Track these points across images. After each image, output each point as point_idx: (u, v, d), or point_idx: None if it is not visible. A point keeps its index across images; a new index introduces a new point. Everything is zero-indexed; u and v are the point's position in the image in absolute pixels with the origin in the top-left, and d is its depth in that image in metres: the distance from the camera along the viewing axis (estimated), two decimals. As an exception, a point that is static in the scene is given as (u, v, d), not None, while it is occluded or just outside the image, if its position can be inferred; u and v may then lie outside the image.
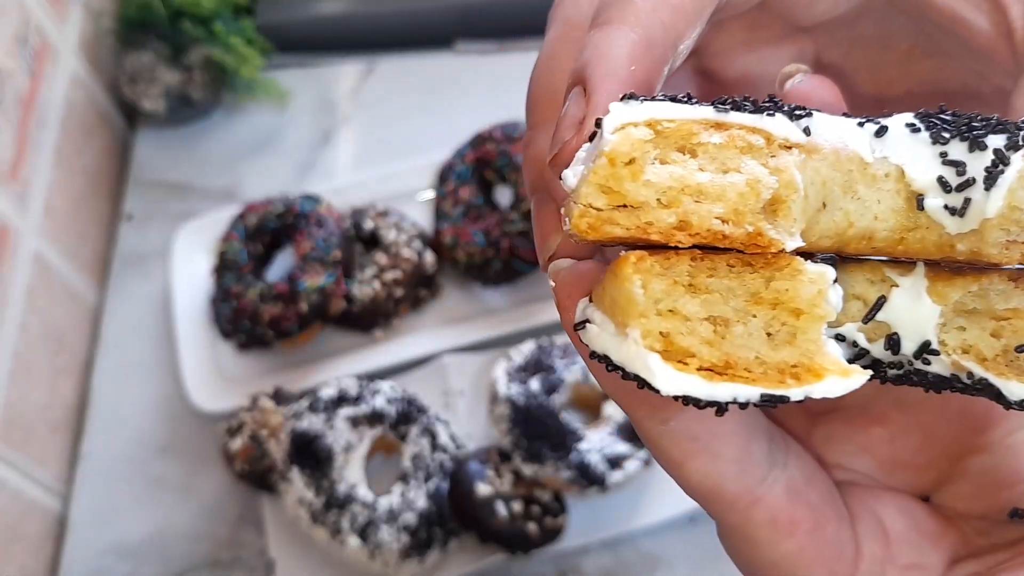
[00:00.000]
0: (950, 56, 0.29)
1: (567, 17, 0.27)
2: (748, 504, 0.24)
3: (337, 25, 1.03)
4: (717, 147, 0.20)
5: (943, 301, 0.21)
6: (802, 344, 0.20)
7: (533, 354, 0.72)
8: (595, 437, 0.67)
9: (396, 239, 0.81)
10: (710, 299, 0.20)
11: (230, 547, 0.72)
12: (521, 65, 1.17)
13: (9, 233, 0.71)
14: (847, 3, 0.29)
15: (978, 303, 0.21)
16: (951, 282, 0.21)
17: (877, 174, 0.21)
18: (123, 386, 0.80)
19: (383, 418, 0.70)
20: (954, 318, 0.21)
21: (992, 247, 0.20)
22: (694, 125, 0.20)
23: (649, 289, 0.20)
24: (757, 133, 0.20)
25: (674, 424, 0.23)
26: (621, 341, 0.20)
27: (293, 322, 0.75)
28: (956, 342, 0.21)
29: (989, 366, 0.21)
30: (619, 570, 0.69)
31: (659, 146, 0.20)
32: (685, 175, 0.20)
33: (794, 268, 0.20)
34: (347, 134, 0.95)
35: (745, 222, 0.20)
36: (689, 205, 0.20)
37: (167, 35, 0.92)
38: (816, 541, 0.25)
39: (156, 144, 0.95)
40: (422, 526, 0.66)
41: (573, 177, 0.21)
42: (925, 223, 0.21)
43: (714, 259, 0.20)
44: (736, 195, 0.20)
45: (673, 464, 0.24)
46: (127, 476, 0.75)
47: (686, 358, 0.20)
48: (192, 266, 0.84)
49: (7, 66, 0.72)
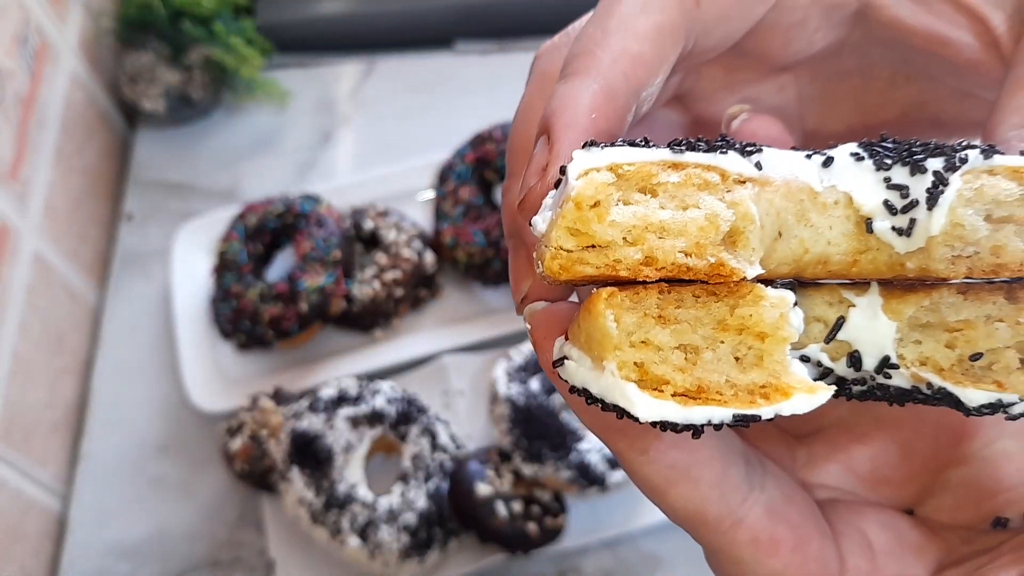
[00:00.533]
0: (932, 78, 0.30)
1: (543, 69, 0.29)
2: (730, 526, 0.25)
3: (337, 25, 1.03)
4: (676, 186, 0.21)
5: (898, 317, 0.22)
6: (769, 365, 0.21)
7: (533, 354, 0.72)
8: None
9: (396, 239, 0.81)
10: (679, 328, 0.21)
11: (230, 547, 0.72)
12: (521, 65, 1.16)
13: (9, 233, 0.71)
14: (823, 40, 0.29)
15: (931, 317, 0.22)
16: (904, 299, 0.23)
17: (827, 202, 0.22)
18: (123, 386, 0.80)
19: (383, 418, 0.70)
20: (910, 332, 0.22)
21: (939, 263, 0.21)
22: (652, 167, 0.21)
23: (622, 322, 0.21)
24: (712, 170, 0.22)
25: (653, 454, 0.24)
26: (599, 374, 0.21)
27: (293, 322, 0.75)
28: (914, 355, 0.22)
29: (946, 376, 0.22)
30: (619, 570, 0.69)
31: (621, 188, 0.21)
32: (647, 214, 0.21)
33: (756, 295, 0.21)
34: (347, 134, 0.95)
35: (707, 254, 0.21)
36: (653, 241, 0.21)
37: (167, 35, 0.92)
38: (800, 558, 0.25)
39: (156, 144, 0.95)
40: (422, 526, 0.66)
41: (543, 223, 0.22)
42: (875, 245, 0.22)
43: (680, 291, 0.21)
44: (697, 229, 0.21)
45: (656, 492, 0.25)
46: (127, 476, 0.75)
47: (661, 385, 0.21)
48: (192, 266, 0.84)
49: (7, 66, 0.72)
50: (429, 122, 0.95)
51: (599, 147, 0.21)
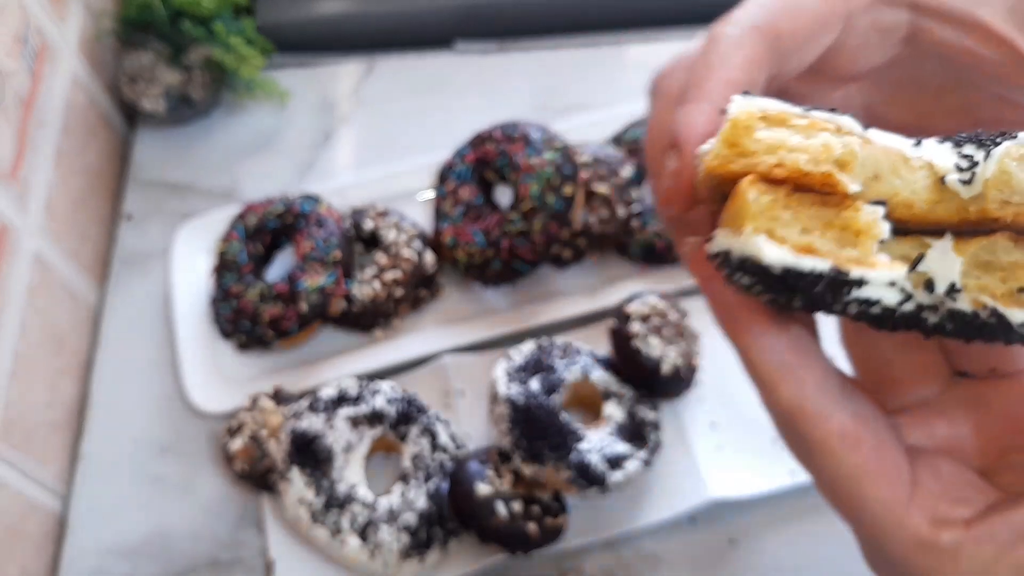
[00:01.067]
0: (976, 87, 0.38)
1: (664, 91, 0.39)
2: (824, 419, 0.31)
3: (337, 25, 1.03)
4: (803, 126, 0.29)
5: (963, 254, 0.29)
6: (862, 250, 0.28)
7: (533, 354, 0.72)
8: (595, 437, 0.68)
9: (396, 239, 0.81)
10: (799, 214, 0.29)
11: (230, 547, 0.72)
12: (520, 65, 1.18)
13: (9, 233, 0.71)
14: (881, 57, 0.38)
15: (990, 256, 0.29)
16: (970, 241, 0.30)
17: (914, 164, 0.30)
18: (123, 386, 0.80)
19: (383, 418, 0.70)
20: (973, 269, 0.29)
21: (992, 204, 0.29)
22: (788, 113, 0.30)
23: (759, 200, 0.29)
24: (831, 123, 0.29)
25: (768, 355, 0.31)
26: (737, 238, 0.29)
27: (293, 322, 0.76)
28: (975, 284, 0.29)
29: (999, 300, 0.29)
30: (620, 570, 0.69)
31: (764, 120, 0.29)
32: (782, 137, 0.29)
33: (856, 206, 0.29)
34: (347, 134, 0.96)
35: (821, 166, 0.29)
36: (785, 154, 0.29)
37: (167, 35, 0.92)
38: (879, 458, 0.31)
39: (156, 144, 0.95)
40: (422, 526, 0.66)
41: (705, 147, 0.31)
42: (948, 195, 0.30)
43: (802, 195, 0.29)
44: (816, 150, 0.29)
45: (766, 387, 0.32)
46: (127, 476, 0.75)
47: (782, 243, 0.28)
48: (192, 266, 0.84)
49: (7, 66, 0.73)
50: (429, 122, 0.95)
51: (752, 96, 0.30)
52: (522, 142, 0.79)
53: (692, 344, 0.73)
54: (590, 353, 0.74)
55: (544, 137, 0.79)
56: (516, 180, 0.78)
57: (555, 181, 0.76)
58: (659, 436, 0.71)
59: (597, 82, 0.98)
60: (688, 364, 0.71)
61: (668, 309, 0.74)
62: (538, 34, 1.02)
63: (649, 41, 1.01)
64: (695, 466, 0.70)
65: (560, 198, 0.76)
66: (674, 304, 0.75)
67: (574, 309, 0.79)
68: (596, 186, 0.80)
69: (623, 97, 0.94)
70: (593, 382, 0.72)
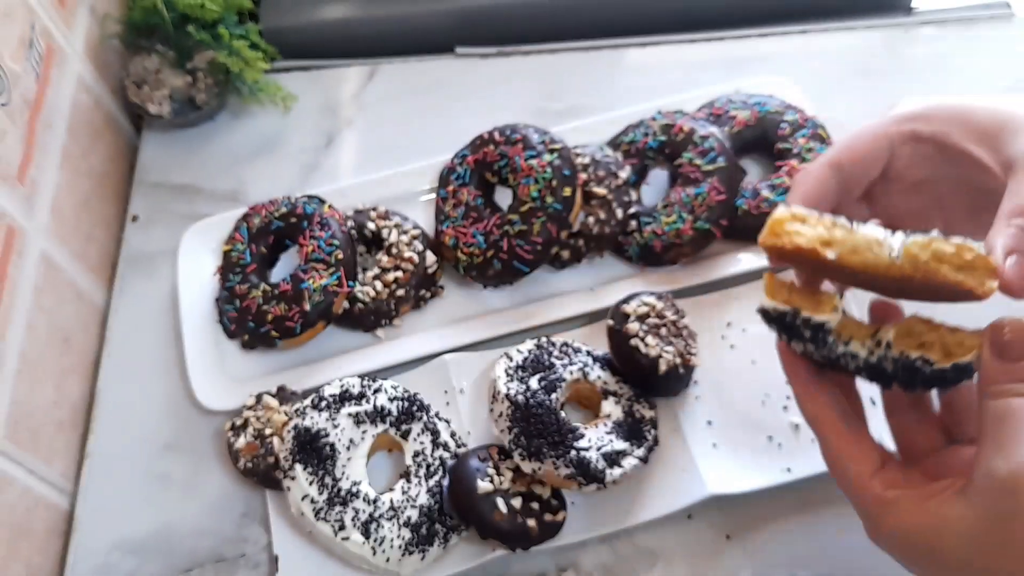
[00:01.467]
0: (975, 185, 0.53)
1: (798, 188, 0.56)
2: (827, 424, 0.51)
3: (340, 30, 1.04)
4: (814, 222, 0.47)
5: (896, 328, 0.49)
6: (820, 309, 0.50)
7: (533, 353, 0.73)
8: (594, 435, 0.68)
9: (398, 240, 0.82)
10: (792, 293, 0.50)
11: (234, 543, 0.72)
12: (520, 69, 1.18)
13: (16, 234, 0.72)
14: (920, 173, 0.55)
15: (909, 328, 0.48)
16: (899, 325, 0.49)
17: (882, 244, 0.46)
18: (129, 385, 0.81)
19: (385, 416, 0.71)
20: (900, 336, 0.48)
21: (907, 269, 0.45)
22: (807, 215, 0.48)
23: (772, 286, 0.51)
24: (832, 220, 0.48)
25: (800, 388, 0.53)
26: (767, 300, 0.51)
27: (297, 322, 0.76)
28: (901, 342, 0.48)
29: (910, 350, 0.48)
30: (617, 565, 0.70)
31: (794, 219, 0.48)
32: (799, 228, 0.47)
33: (822, 292, 0.51)
34: (350, 137, 0.96)
35: (811, 243, 0.47)
36: (794, 237, 0.47)
37: (172, 39, 0.93)
38: (857, 448, 0.50)
39: (162, 146, 0.96)
40: (424, 522, 0.67)
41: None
42: (894, 264, 0.46)
43: (801, 288, 0.52)
44: (812, 235, 0.47)
45: (800, 405, 0.53)
46: (133, 473, 0.76)
47: (774, 300, 0.51)
48: (198, 267, 0.85)
49: (15, 70, 0.74)
50: (430, 125, 0.96)
51: (795, 206, 0.49)
52: (522, 144, 0.80)
53: (689, 343, 0.74)
54: (589, 352, 0.75)
55: (543, 140, 0.80)
56: (516, 182, 0.79)
57: (554, 183, 0.77)
58: (656, 433, 0.71)
59: (595, 86, 0.99)
60: (685, 363, 0.72)
61: (665, 309, 0.75)
62: (536, 41, 1.04)
63: (647, 45, 1.02)
64: (692, 463, 0.71)
65: (559, 199, 0.77)
66: (671, 304, 0.76)
67: (573, 309, 0.80)
68: (594, 188, 0.81)
69: (621, 100, 0.95)
70: (592, 380, 0.73)
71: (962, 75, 0.98)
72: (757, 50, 1.01)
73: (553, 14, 1.04)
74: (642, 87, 0.97)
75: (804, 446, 0.72)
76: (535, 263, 0.78)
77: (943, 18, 1.03)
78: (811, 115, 0.87)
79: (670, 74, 0.99)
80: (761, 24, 1.04)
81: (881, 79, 0.98)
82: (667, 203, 0.82)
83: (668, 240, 0.80)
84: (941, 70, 0.98)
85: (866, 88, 0.97)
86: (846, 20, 1.04)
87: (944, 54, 1.00)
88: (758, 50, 1.01)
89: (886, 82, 0.97)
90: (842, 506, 0.70)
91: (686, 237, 0.80)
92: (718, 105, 0.89)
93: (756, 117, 0.87)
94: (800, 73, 0.97)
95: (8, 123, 0.72)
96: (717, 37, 1.02)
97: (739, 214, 0.82)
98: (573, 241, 0.81)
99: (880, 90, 0.97)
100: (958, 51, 1.00)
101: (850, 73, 0.98)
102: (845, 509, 0.71)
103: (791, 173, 0.83)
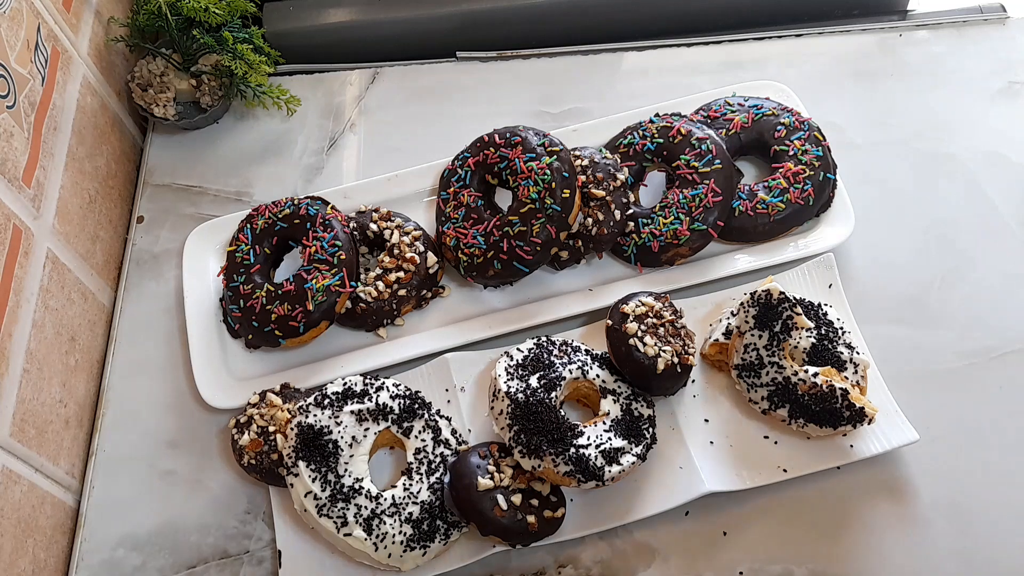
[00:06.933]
0: None
1: None
2: None
3: (343, 34, 1.05)
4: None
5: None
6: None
7: (532, 352, 0.74)
8: (593, 432, 0.69)
9: (400, 241, 0.83)
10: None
11: (239, 539, 0.73)
12: (520, 73, 1.20)
13: (23, 235, 0.72)
14: None
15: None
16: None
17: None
18: (135, 383, 0.82)
19: (387, 413, 0.72)
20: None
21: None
22: None
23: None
24: None
25: None
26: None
27: (300, 321, 0.77)
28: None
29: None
30: (616, 561, 0.70)
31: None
32: None
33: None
34: (352, 139, 0.97)
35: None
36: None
37: (177, 43, 0.94)
38: None
39: (167, 149, 0.97)
40: (425, 518, 0.68)
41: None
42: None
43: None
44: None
45: None
46: (138, 471, 0.77)
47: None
48: (202, 267, 0.86)
49: (21, 73, 0.74)
50: (431, 128, 0.97)
51: None
52: (521, 147, 0.80)
53: (687, 342, 0.75)
54: (588, 351, 0.76)
55: (543, 142, 0.81)
56: (516, 184, 0.80)
57: (553, 185, 0.78)
58: (654, 431, 0.72)
59: (594, 89, 1.00)
60: (683, 362, 0.73)
61: (663, 308, 0.75)
62: (537, 44, 1.04)
63: (644, 49, 1.03)
64: (690, 460, 0.72)
65: (558, 201, 0.78)
66: (669, 304, 0.77)
67: (572, 308, 0.81)
68: (593, 189, 0.82)
69: (620, 103, 0.96)
70: (591, 379, 0.74)
71: (956, 78, 0.99)
72: (753, 53, 1.02)
73: (552, 19, 1.05)
74: (640, 90, 0.98)
75: (800, 445, 0.73)
76: (535, 263, 0.79)
77: (937, 21, 1.04)
78: (807, 117, 0.87)
79: (667, 77, 1.00)
80: (757, 28, 1.05)
81: (876, 82, 0.99)
82: (665, 204, 0.83)
83: (666, 241, 0.81)
84: (935, 73, 0.99)
85: (861, 91, 0.98)
86: (841, 24, 1.05)
87: (938, 57, 1.01)
88: (754, 53, 1.02)
89: (881, 85, 0.98)
90: (836, 503, 0.71)
91: (683, 238, 0.81)
92: (715, 108, 0.90)
93: (752, 120, 0.88)
94: (796, 76, 0.98)
95: (15, 125, 0.73)
96: (714, 41, 1.03)
97: (736, 215, 0.82)
98: (572, 242, 0.82)
99: (875, 93, 0.98)
100: (952, 54, 1.01)
101: (845, 76, 0.99)
102: (839, 506, 0.72)
103: (787, 174, 0.84)
